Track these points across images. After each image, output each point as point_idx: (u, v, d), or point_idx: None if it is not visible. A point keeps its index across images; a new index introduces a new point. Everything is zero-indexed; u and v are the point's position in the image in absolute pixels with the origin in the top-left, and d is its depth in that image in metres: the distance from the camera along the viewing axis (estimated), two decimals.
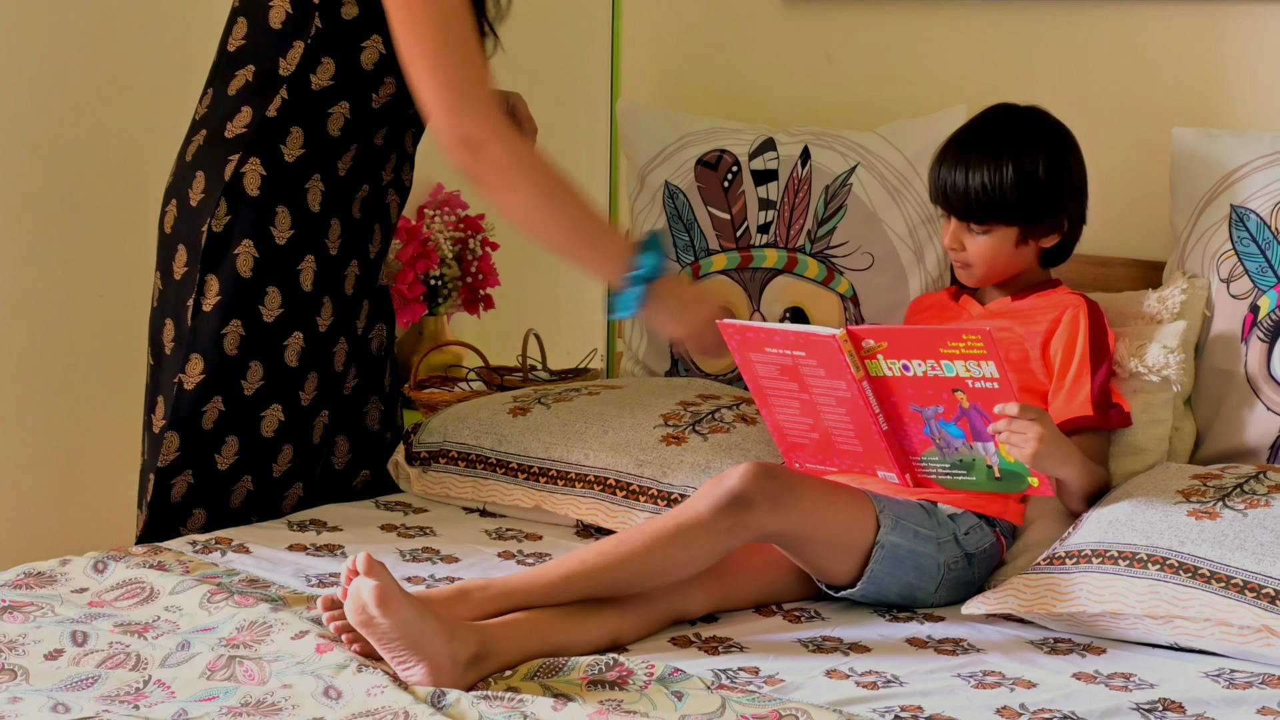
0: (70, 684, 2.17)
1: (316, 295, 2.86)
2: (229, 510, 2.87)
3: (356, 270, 2.93)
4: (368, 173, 2.88)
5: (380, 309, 3.05)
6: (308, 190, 2.82)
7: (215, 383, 2.81)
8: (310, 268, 2.84)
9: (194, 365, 2.80)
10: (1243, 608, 2.26)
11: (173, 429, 2.82)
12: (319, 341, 2.88)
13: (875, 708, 2.12)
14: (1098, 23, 3.16)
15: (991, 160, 2.69)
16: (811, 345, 2.52)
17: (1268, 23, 3.00)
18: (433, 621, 2.18)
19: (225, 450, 2.84)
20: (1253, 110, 3.02)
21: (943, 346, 2.44)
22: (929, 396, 2.49)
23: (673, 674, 2.15)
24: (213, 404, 2.81)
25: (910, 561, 2.49)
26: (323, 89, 2.78)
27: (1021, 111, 2.77)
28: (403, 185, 2.99)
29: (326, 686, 2.13)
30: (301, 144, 2.79)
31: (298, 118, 2.78)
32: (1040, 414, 2.46)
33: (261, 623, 2.32)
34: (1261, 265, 2.75)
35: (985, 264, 2.74)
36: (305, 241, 2.83)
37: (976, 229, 2.72)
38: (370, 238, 2.94)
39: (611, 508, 2.77)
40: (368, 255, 2.95)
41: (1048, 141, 2.73)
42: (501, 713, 2.06)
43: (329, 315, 2.89)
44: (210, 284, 2.80)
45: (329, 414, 2.95)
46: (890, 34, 3.38)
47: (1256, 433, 2.71)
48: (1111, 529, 2.42)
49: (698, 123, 3.35)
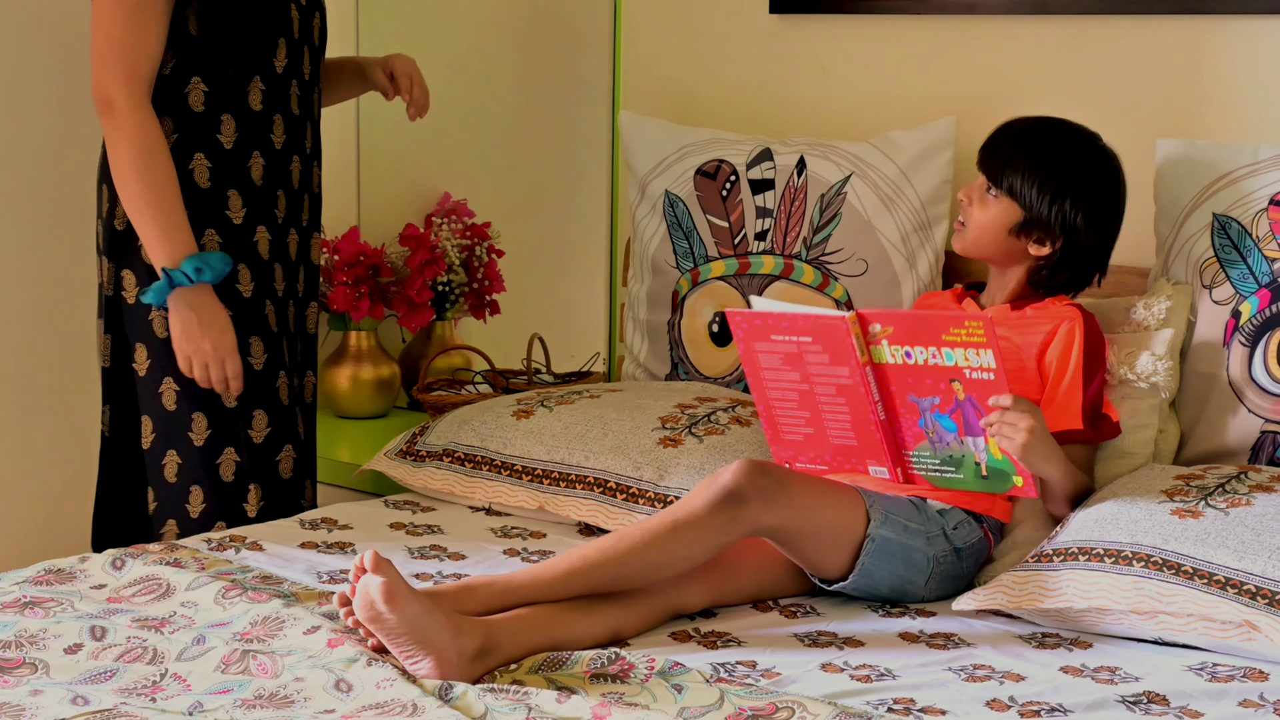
0: (89, 677, 2.17)
1: (270, 263, 2.94)
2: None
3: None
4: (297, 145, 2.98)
5: (312, 287, 3.08)
6: (250, 168, 2.90)
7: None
8: (265, 239, 2.93)
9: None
10: (1225, 603, 2.26)
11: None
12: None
13: (869, 700, 2.12)
14: (1084, 37, 3.16)
15: (1050, 165, 2.70)
16: (820, 329, 2.54)
17: (1249, 37, 3.00)
18: (439, 616, 2.18)
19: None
20: (1234, 121, 3.02)
21: (945, 333, 2.45)
22: (927, 386, 2.50)
23: (673, 668, 2.15)
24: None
25: (900, 555, 2.49)
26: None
27: (1100, 148, 2.77)
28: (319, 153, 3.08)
29: (337, 680, 2.14)
30: (234, 128, 2.88)
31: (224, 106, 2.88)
32: (1032, 408, 2.47)
33: (274, 618, 2.32)
34: (1243, 272, 2.75)
35: (978, 229, 2.74)
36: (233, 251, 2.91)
37: (993, 192, 2.72)
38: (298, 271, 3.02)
39: (612, 510, 2.77)
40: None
41: (1101, 185, 2.73)
42: (507, 705, 2.06)
43: (280, 280, 2.97)
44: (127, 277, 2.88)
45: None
46: (883, 48, 3.38)
47: (1238, 434, 2.72)
48: (1097, 527, 2.42)
49: (697, 134, 3.35)
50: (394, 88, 3.12)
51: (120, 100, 2.77)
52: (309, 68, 2.99)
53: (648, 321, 3.33)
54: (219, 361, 2.81)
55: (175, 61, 2.84)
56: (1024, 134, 2.76)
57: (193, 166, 2.85)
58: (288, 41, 2.92)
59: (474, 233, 3.75)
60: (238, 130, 2.88)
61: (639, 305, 3.35)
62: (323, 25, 3.04)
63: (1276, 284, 2.71)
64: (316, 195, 3.07)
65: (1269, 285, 2.72)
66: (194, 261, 2.78)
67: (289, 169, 2.96)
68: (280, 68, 2.91)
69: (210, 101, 2.86)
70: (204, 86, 2.85)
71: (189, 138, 2.86)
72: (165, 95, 2.84)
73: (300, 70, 2.96)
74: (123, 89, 2.77)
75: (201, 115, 2.86)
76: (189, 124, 2.86)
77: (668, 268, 3.30)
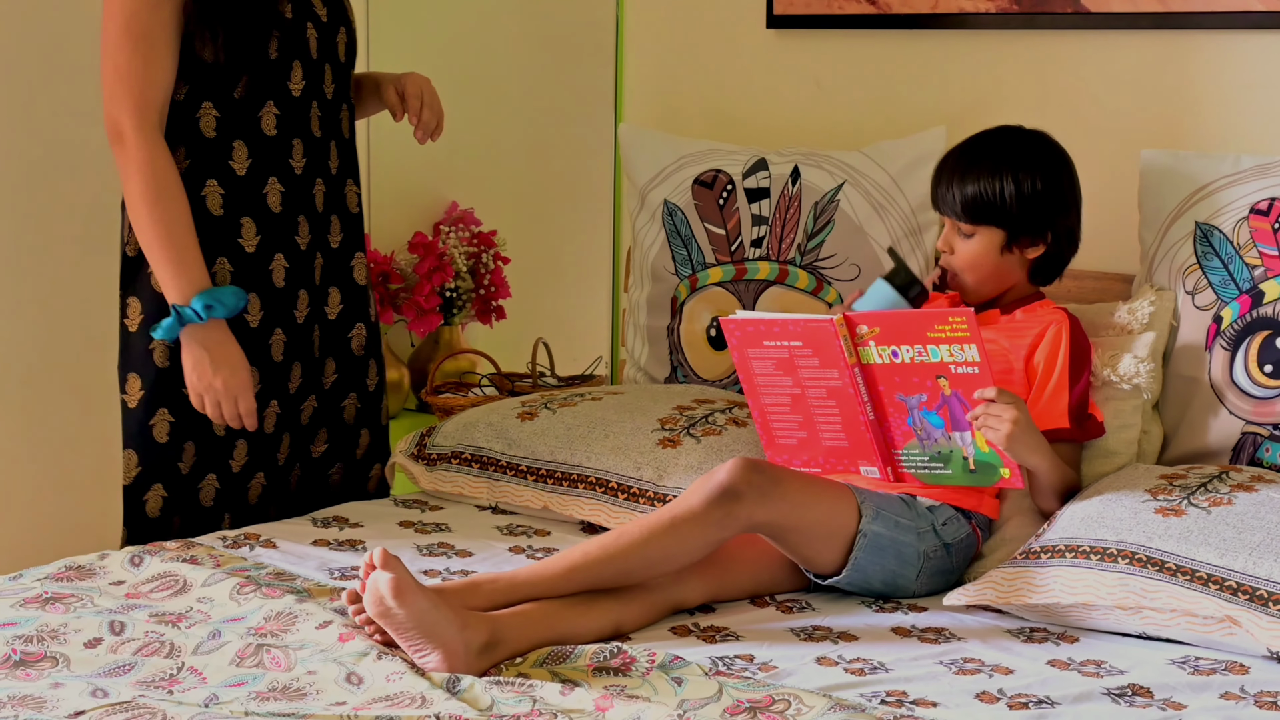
0: (108, 670, 2.17)
1: (290, 289, 2.85)
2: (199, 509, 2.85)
3: (321, 261, 2.91)
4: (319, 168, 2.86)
5: (356, 308, 2.99)
6: (266, 194, 2.80)
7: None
8: (281, 265, 2.83)
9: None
10: (1207, 599, 2.26)
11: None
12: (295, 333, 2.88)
13: (862, 692, 2.12)
14: (1071, 50, 3.16)
15: (990, 168, 2.69)
16: (809, 333, 2.54)
17: (1230, 52, 3.00)
18: (446, 611, 2.18)
19: (185, 455, 2.82)
20: (1216, 133, 3.02)
21: (930, 330, 2.45)
22: (914, 384, 2.50)
23: (673, 661, 2.15)
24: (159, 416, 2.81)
25: (892, 550, 2.49)
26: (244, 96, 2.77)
27: (1026, 132, 2.76)
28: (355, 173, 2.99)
29: (348, 673, 2.13)
30: (247, 154, 2.79)
31: (237, 132, 2.78)
32: (1016, 399, 2.47)
33: (288, 613, 2.32)
34: (1224, 278, 2.75)
35: (971, 269, 2.72)
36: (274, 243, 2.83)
37: (965, 230, 2.71)
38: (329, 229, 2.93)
39: (613, 509, 2.77)
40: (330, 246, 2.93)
41: (1045, 159, 2.71)
42: (513, 697, 2.06)
43: (304, 306, 2.88)
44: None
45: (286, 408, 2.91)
46: (874, 61, 3.38)
47: (1219, 435, 2.71)
48: (1084, 525, 2.42)
49: (695, 145, 3.35)
50: (403, 107, 2.98)
51: (129, 131, 2.67)
52: (332, 87, 2.88)
53: (648, 326, 3.33)
54: (231, 399, 2.72)
55: (188, 88, 2.74)
56: (959, 162, 2.73)
57: (205, 194, 2.75)
58: (304, 63, 2.81)
59: (481, 241, 3.75)
60: (250, 156, 2.78)
61: (639, 311, 3.35)
62: (349, 42, 2.92)
63: (1257, 290, 2.71)
64: (354, 216, 2.97)
65: (1249, 291, 2.72)
66: (205, 298, 2.68)
67: (311, 193, 2.86)
68: (297, 90, 2.80)
69: (221, 127, 2.76)
70: (215, 112, 2.75)
71: (201, 165, 2.75)
72: (178, 122, 2.74)
73: (321, 90, 2.85)
74: (131, 120, 2.67)
75: (213, 142, 2.76)
76: (201, 151, 2.75)
77: (667, 274, 3.30)
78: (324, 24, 2.86)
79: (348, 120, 2.94)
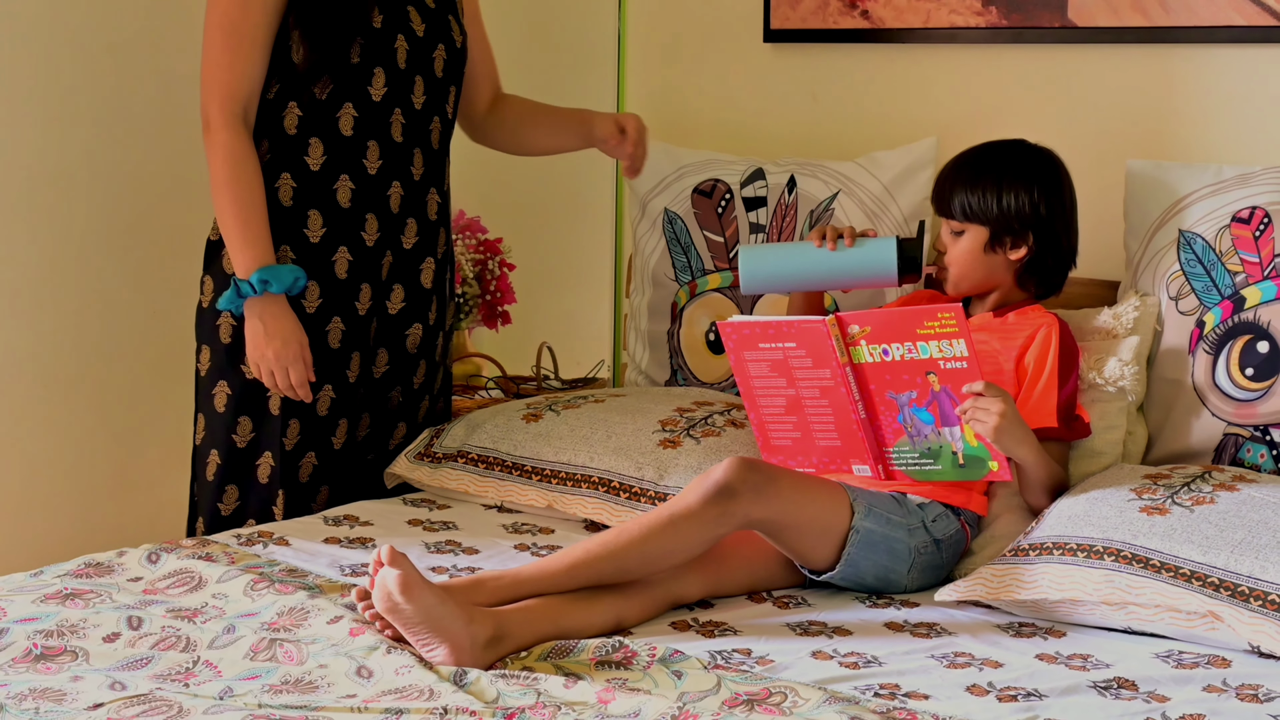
0: (126, 664, 2.17)
1: (353, 281, 2.91)
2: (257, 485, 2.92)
3: (390, 259, 2.95)
4: (397, 170, 2.92)
5: (417, 308, 3.03)
6: (337, 190, 2.87)
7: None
8: (344, 258, 2.89)
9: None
10: (1190, 595, 2.25)
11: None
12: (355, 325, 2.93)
13: (857, 685, 2.12)
14: (1058, 63, 3.16)
15: (982, 170, 2.71)
16: (802, 334, 2.54)
17: (1213, 65, 3.01)
18: (453, 607, 2.18)
19: (241, 429, 2.90)
20: (1199, 144, 3.02)
21: (919, 326, 2.46)
22: (904, 381, 2.50)
23: (673, 655, 2.15)
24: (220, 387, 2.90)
25: (884, 546, 2.49)
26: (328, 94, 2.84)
27: (1028, 145, 2.77)
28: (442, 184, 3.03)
29: (359, 666, 2.13)
30: (322, 151, 2.86)
31: (313, 129, 2.85)
32: (1003, 393, 2.47)
33: (300, 609, 2.32)
34: (1207, 285, 2.75)
35: (958, 265, 2.74)
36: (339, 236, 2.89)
37: (955, 227, 2.72)
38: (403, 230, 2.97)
39: (615, 508, 2.77)
40: (401, 247, 2.97)
41: (1037, 168, 2.73)
42: (518, 690, 2.06)
43: (366, 299, 2.93)
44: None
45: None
46: (868, 75, 3.38)
47: (1202, 437, 2.71)
48: (1071, 523, 2.42)
49: (694, 155, 3.35)
50: (624, 142, 3.04)
51: (215, 119, 2.78)
52: (424, 98, 2.92)
53: (649, 331, 3.34)
54: (283, 369, 2.80)
55: (278, 87, 2.83)
56: (958, 166, 2.77)
57: (279, 185, 2.84)
58: (387, 70, 2.86)
59: (487, 248, 3.74)
60: (326, 153, 2.85)
61: (640, 316, 3.35)
62: (449, 59, 2.95)
63: (1238, 296, 2.71)
64: (432, 222, 3.00)
65: (1231, 297, 2.72)
66: (262, 273, 2.76)
67: (385, 194, 2.91)
68: (378, 96, 2.86)
69: (302, 125, 2.84)
70: (298, 111, 2.83)
71: (279, 158, 2.84)
72: (265, 118, 2.84)
73: (408, 99, 2.90)
74: (217, 109, 2.78)
75: (293, 138, 2.84)
76: (281, 146, 2.84)
77: (667, 281, 3.30)
78: (419, 38, 2.91)
79: (439, 132, 2.99)
